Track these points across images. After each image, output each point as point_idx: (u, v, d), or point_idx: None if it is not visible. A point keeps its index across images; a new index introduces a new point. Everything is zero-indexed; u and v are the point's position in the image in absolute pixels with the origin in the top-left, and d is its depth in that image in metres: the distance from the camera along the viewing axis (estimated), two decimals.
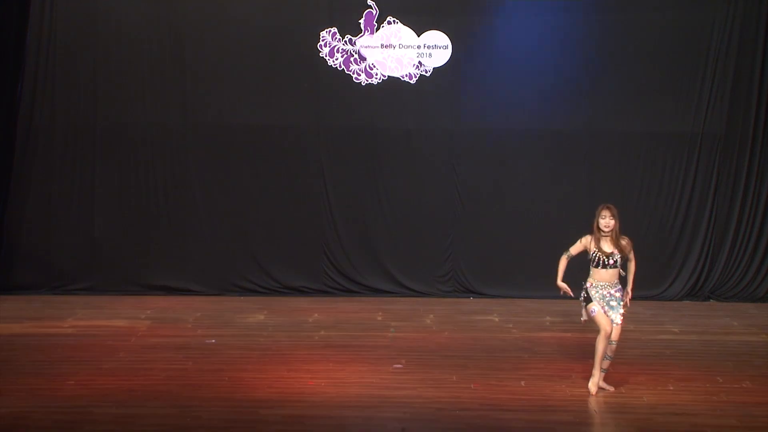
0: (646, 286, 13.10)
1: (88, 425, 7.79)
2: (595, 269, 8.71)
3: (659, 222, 13.53)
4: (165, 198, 13.55)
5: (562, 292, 8.82)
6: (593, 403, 8.47)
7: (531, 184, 13.52)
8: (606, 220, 8.69)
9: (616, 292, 8.72)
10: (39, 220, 13.46)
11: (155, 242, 13.53)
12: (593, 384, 8.72)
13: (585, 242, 8.79)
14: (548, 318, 12.12)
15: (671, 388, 8.94)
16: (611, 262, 8.68)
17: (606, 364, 8.75)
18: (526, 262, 13.42)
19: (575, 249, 8.84)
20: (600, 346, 8.70)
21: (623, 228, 8.84)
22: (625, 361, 9.69)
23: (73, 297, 13.18)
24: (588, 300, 8.72)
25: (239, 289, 13.53)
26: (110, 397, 8.47)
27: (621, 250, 8.71)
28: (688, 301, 13.39)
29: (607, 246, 8.70)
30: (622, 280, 8.88)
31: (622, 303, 8.74)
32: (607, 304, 8.67)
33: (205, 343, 10.59)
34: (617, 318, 8.67)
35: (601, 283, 8.69)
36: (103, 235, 13.50)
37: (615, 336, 8.69)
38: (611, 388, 8.77)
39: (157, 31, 13.45)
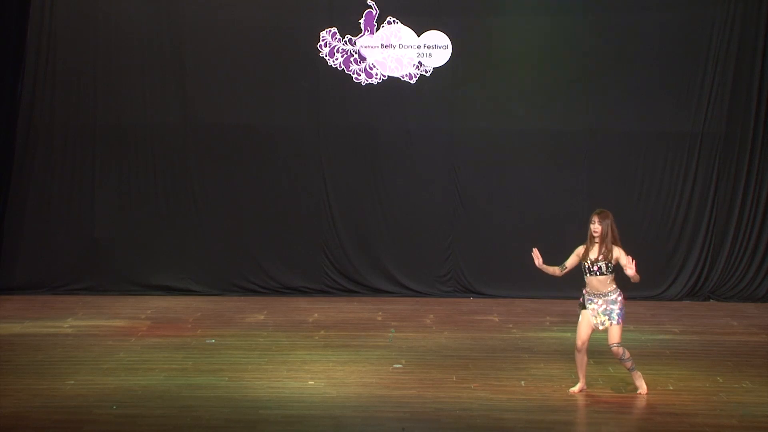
0: (646, 286, 13.08)
1: (88, 425, 7.79)
2: (586, 277, 8.59)
3: (659, 222, 13.53)
4: (165, 198, 13.56)
5: (535, 255, 8.75)
6: (594, 404, 8.47)
7: (531, 183, 13.51)
8: (594, 226, 8.52)
9: (610, 300, 8.49)
10: (39, 220, 13.47)
11: (155, 242, 13.53)
12: (577, 389, 8.69)
13: (578, 251, 8.64)
14: (548, 318, 12.12)
15: (671, 388, 8.94)
16: (595, 269, 8.47)
17: (629, 364, 8.60)
18: (526, 263, 13.31)
19: (570, 262, 8.66)
20: (576, 358, 8.69)
21: (622, 228, 8.73)
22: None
23: (73, 297, 13.18)
24: (583, 306, 8.67)
25: (239, 289, 13.53)
26: (110, 397, 8.47)
27: (606, 257, 8.45)
28: (688, 301, 13.38)
29: (591, 253, 8.50)
30: (620, 286, 8.67)
31: (618, 314, 8.49)
32: (597, 311, 8.54)
33: (205, 343, 10.59)
34: (613, 318, 8.52)
35: (593, 291, 8.53)
36: (103, 235, 13.50)
37: (613, 339, 8.56)
38: (643, 391, 8.70)
39: (157, 31, 13.45)
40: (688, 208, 13.49)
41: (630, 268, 8.38)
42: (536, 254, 8.79)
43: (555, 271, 8.77)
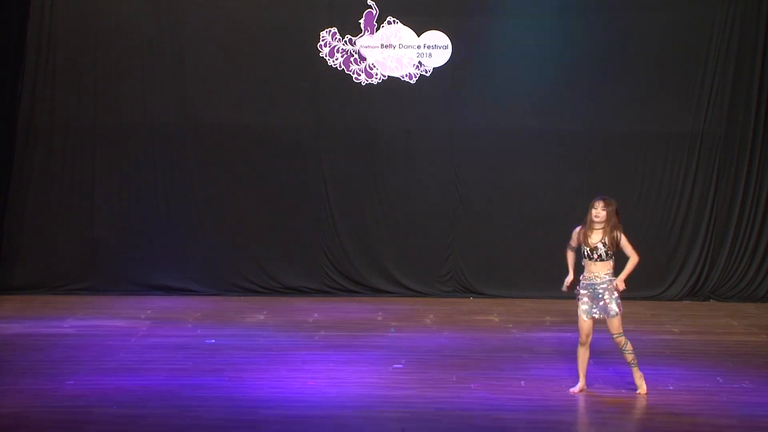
0: (646, 286, 13.12)
1: (88, 425, 7.78)
2: (586, 261, 8.59)
3: (659, 222, 13.53)
4: (165, 198, 13.56)
5: (565, 288, 8.71)
6: (594, 404, 8.46)
7: (531, 184, 13.52)
8: (597, 211, 8.52)
9: (606, 285, 8.51)
10: (39, 221, 13.47)
11: (155, 242, 13.52)
12: (577, 388, 8.68)
13: (576, 233, 8.64)
14: (548, 318, 12.12)
15: (671, 388, 8.94)
16: (596, 255, 8.49)
17: (630, 357, 8.61)
18: (526, 262, 13.42)
19: (573, 241, 8.70)
20: (578, 354, 8.68)
21: (623, 228, 8.73)
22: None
23: (73, 297, 13.18)
24: (578, 298, 8.64)
25: (239, 289, 13.53)
26: (110, 397, 8.47)
27: (609, 244, 8.48)
28: (688, 301, 13.39)
29: (592, 238, 8.50)
30: (617, 274, 8.63)
31: (615, 296, 8.54)
32: (598, 298, 8.52)
33: (205, 343, 10.59)
34: (610, 311, 8.52)
35: (591, 275, 8.54)
36: (103, 235, 13.50)
37: (614, 330, 8.57)
38: (643, 391, 8.69)
39: (158, 31, 13.45)
40: (688, 208, 13.49)
41: (620, 285, 8.50)
42: (567, 284, 8.74)
43: (570, 256, 8.78)
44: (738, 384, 9.07)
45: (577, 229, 8.67)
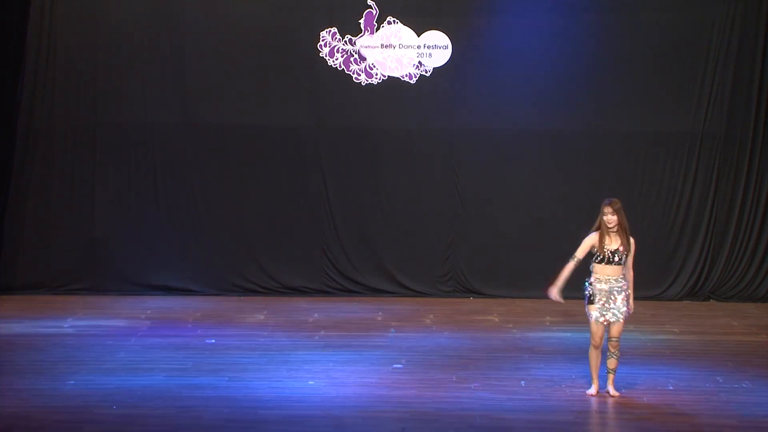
0: (646, 286, 13.11)
1: (88, 425, 7.79)
2: (599, 265, 8.56)
3: (659, 222, 13.53)
4: (165, 198, 13.56)
5: (553, 297, 8.62)
6: (594, 404, 8.47)
7: (531, 184, 13.52)
8: (608, 217, 8.54)
9: (620, 287, 8.52)
10: (39, 220, 13.47)
11: (155, 242, 13.53)
12: (593, 390, 8.66)
13: (591, 241, 8.54)
14: (548, 318, 12.12)
15: (671, 388, 8.94)
16: (616, 259, 8.49)
17: (613, 363, 8.66)
18: (526, 262, 13.41)
19: (582, 251, 8.55)
20: (591, 356, 8.66)
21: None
22: (626, 361, 9.67)
23: (73, 297, 13.18)
24: (591, 301, 8.58)
25: (239, 289, 13.53)
26: (110, 397, 8.47)
27: (625, 246, 8.49)
28: (688, 301, 13.39)
29: (612, 243, 8.49)
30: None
31: (626, 304, 8.56)
32: (608, 300, 8.51)
33: (205, 343, 10.60)
34: (621, 315, 8.52)
35: (606, 276, 8.53)
36: (103, 235, 13.50)
37: (615, 333, 8.57)
38: (616, 393, 8.66)
39: (158, 31, 13.46)
40: (688, 208, 13.50)
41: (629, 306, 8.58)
42: (555, 296, 8.64)
43: (569, 268, 8.57)
44: (738, 384, 9.07)
45: (591, 237, 8.58)
